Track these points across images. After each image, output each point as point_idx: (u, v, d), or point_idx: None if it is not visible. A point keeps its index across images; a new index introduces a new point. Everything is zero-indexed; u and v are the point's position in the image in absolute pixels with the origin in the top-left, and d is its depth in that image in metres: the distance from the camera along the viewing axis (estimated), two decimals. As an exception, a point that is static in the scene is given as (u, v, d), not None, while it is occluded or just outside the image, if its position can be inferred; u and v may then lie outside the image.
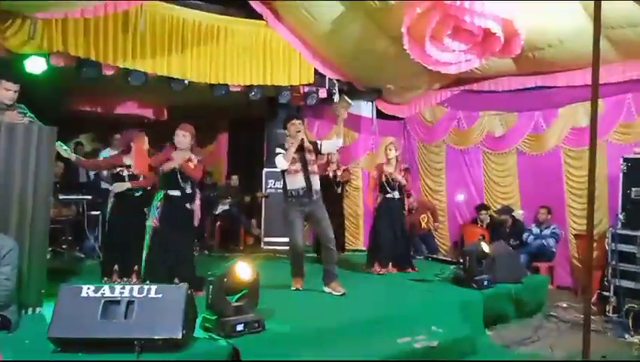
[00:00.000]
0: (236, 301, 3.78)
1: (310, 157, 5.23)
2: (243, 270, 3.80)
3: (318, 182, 5.26)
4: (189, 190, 4.98)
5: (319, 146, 5.39)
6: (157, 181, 5.15)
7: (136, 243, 4.96)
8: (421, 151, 9.15)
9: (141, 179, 5.36)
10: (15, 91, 4.28)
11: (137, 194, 5.37)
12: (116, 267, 5.23)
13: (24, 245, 3.90)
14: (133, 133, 5.56)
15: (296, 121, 5.31)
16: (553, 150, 7.62)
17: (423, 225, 8.46)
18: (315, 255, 6.64)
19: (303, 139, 5.20)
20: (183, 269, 4.83)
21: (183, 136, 4.96)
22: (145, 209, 5.14)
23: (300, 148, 5.17)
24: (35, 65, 5.95)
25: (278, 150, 5.25)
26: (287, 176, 5.19)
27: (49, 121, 4.35)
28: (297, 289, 5.14)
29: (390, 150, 6.66)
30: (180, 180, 4.90)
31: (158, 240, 4.85)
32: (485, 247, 5.73)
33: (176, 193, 4.92)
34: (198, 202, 5.21)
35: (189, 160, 4.97)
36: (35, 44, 5.65)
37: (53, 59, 5.93)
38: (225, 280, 3.70)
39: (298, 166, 5.15)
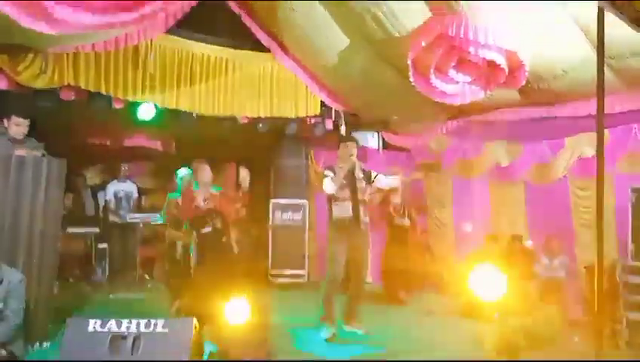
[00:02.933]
0: (244, 335, 3.75)
1: (360, 185, 4.93)
2: (239, 305, 3.79)
3: (367, 212, 4.96)
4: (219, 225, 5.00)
5: (373, 177, 5.13)
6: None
7: None
8: (428, 182, 9.14)
9: None
10: (25, 126, 4.35)
11: None
12: None
13: (32, 278, 3.91)
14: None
15: (349, 143, 5.06)
16: (560, 180, 7.59)
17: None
18: None
19: (348, 159, 4.91)
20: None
21: (205, 171, 5.03)
22: None
23: (351, 175, 4.88)
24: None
25: (326, 172, 4.96)
26: (333, 202, 4.90)
27: (59, 153, 4.40)
28: (332, 338, 4.68)
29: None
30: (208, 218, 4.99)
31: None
32: (493, 279, 5.64)
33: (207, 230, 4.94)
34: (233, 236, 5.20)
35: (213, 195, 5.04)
36: (47, 78, 5.75)
37: (63, 92, 6.03)
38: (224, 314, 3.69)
39: (347, 193, 4.87)
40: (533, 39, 5.80)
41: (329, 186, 4.79)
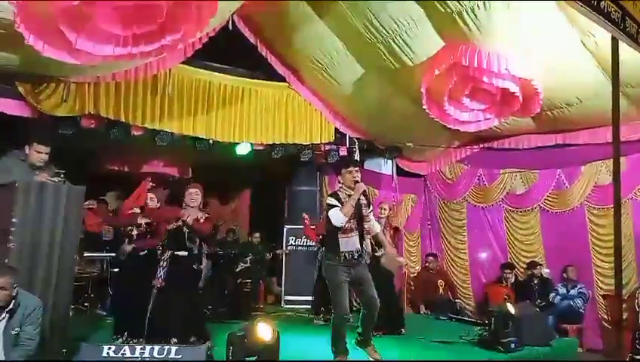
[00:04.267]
0: (254, 360, 3.73)
1: (365, 213, 4.59)
2: (263, 331, 3.77)
3: (369, 243, 4.68)
4: (195, 251, 4.94)
5: (370, 211, 4.76)
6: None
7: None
8: (442, 209, 9.10)
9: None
10: (46, 153, 4.44)
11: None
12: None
13: (48, 302, 3.94)
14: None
15: (353, 169, 4.57)
16: (577, 208, 7.53)
17: (440, 290, 8.28)
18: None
19: (365, 191, 4.53)
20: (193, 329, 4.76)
21: (196, 195, 4.98)
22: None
23: (357, 203, 4.47)
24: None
25: (330, 200, 4.53)
26: (340, 236, 4.44)
27: (77, 180, 4.48)
28: None
29: (383, 209, 6.45)
30: (187, 240, 4.88)
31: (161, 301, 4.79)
32: (511, 308, 5.58)
33: (184, 253, 4.88)
34: (204, 262, 5.13)
35: (197, 218, 4.94)
36: (68, 107, 5.91)
37: (84, 120, 6.17)
38: (245, 340, 3.68)
39: (353, 224, 4.47)
40: (547, 67, 5.84)
41: (338, 218, 4.40)
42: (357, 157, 8.16)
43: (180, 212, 4.94)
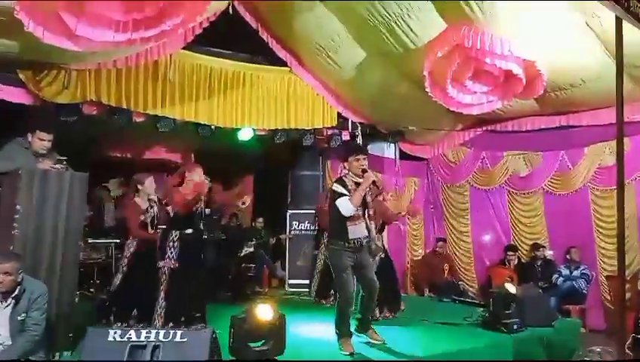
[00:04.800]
0: (260, 345, 3.76)
1: (369, 200, 4.60)
2: (264, 312, 3.78)
3: (374, 228, 4.67)
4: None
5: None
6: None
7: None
8: (445, 192, 9.11)
9: None
10: (49, 141, 4.45)
11: None
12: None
13: (53, 288, 3.98)
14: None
15: (361, 157, 4.54)
16: (580, 189, 7.53)
17: (445, 274, 8.32)
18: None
19: (375, 181, 4.49)
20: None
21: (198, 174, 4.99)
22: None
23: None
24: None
25: (337, 188, 4.48)
26: (349, 223, 4.43)
27: (81, 167, 4.49)
28: (351, 354, 4.40)
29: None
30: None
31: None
32: (511, 288, 5.61)
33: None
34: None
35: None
36: (69, 94, 5.90)
37: (85, 107, 6.16)
38: (244, 323, 3.70)
39: (360, 211, 4.46)
40: (551, 48, 5.79)
41: (348, 208, 4.37)
42: (359, 141, 8.15)
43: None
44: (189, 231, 4.90)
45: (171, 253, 4.83)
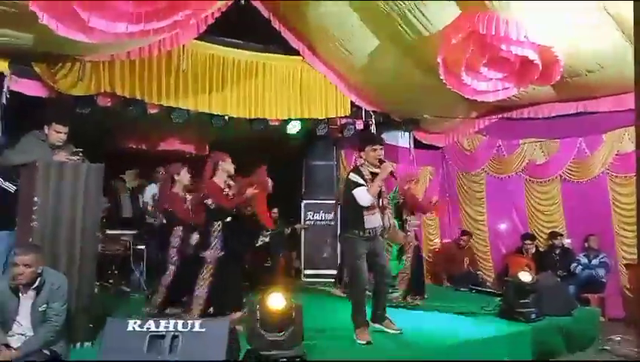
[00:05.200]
0: (278, 334, 3.76)
1: (384, 189, 4.65)
2: (276, 301, 3.78)
3: (388, 218, 4.70)
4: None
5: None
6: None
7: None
8: (460, 180, 9.05)
9: None
10: (65, 133, 4.48)
11: None
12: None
13: (73, 280, 4.01)
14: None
15: (378, 147, 4.56)
16: (599, 177, 7.43)
17: (466, 266, 8.28)
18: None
19: (377, 163, 4.53)
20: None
21: (231, 164, 5.08)
22: None
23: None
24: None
25: (354, 177, 4.51)
26: (365, 213, 4.47)
27: (96, 158, 4.52)
28: (368, 343, 4.38)
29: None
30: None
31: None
32: (525, 277, 5.57)
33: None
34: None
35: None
36: (84, 86, 5.93)
37: (100, 99, 6.19)
38: (259, 312, 3.71)
39: (375, 201, 4.50)
40: (567, 34, 5.70)
41: (365, 198, 4.40)
42: (373, 130, 8.11)
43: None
44: (229, 220, 4.99)
45: (215, 243, 4.91)
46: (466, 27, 5.52)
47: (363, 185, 4.46)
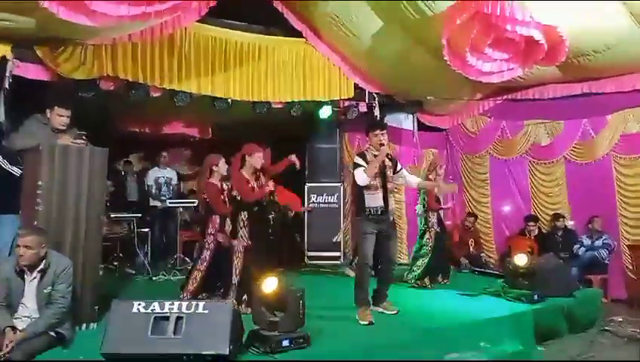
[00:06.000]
0: (281, 316, 3.81)
1: (389, 173, 4.85)
2: (274, 283, 3.85)
3: (393, 201, 4.96)
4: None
5: (398, 168, 5.03)
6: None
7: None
8: (464, 163, 9.03)
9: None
10: (67, 116, 4.49)
11: None
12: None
13: (78, 262, 4.07)
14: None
15: (379, 132, 4.84)
16: (603, 158, 7.39)
17: (471, 248, 8.31)
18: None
19: (389, 154, 4.82)
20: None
21: (258, 158, 5.07)
22: None
23: (382, 163, 4.77)
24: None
25: (357, 160, 4.83)
26: (366, 192, 4.76)
27: (100, 142, 4.53)
28: (370, 323, 4.53)
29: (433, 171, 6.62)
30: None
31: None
32: (520, 261, 5.68)
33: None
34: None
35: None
36: (86, 69, 5.91)
37: (103, 83, 6.18)
38: (260, 294, 3.76)
39: (378, 183, 4.75)
40: (573, 13, 5.63)
41: (362, 178, 4.70)
42: (377, 112, 8.08)
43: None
44: (256, 209, 5.08)
45: (243, 232, 4.99)
46: (471, 7, 5.45)
47: (363, 166, 4.74)
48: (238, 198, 5.08)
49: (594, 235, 7.21)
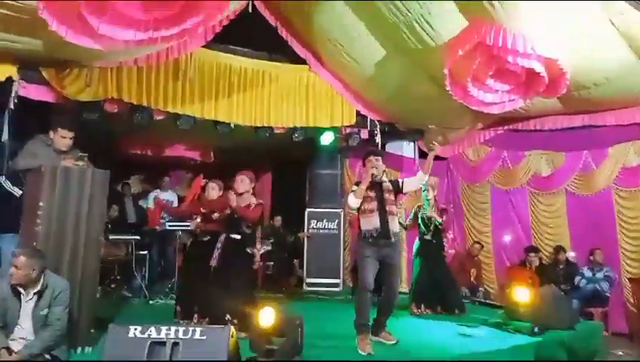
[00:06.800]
0: (279, 343, 3.77)
1: (389, 196, 4.88)
2: (272, 311, 3.83)
3: (397, 223, 4.92)
4: (248, 234, 5.15)
5: (401, 185, 5.06)
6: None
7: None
8: (465, 192, 9.03)
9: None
10: (70, 138, 4.51)
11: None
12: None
13: (75, 284, 4.03)
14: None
15: (372, 158, 4.98)
16: (604, 190, 7.40)
17: (472, 278, 8.26)
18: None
19: (373, 175, 4.88)
20: (238, 309, 4.86)
21: (241, 182, 5.12)
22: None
23: (378, 187, 4.86)
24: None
25: (354, 187, 4.98)
26: (361, 215, 4.85)
27: (102, 164, 4.55)
28: (370, 355, 4.44)
29: (428, 191, 6.70)
30: (240, 225, 5.09)
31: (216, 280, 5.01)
32: (520, 294, 5.69)
33: (237, 236, 5.08)
34: (259, 246, 5.32)
35: (249, 204, 5.12)
36: (91, 92, 5.97)
37: (107, 105, 6.23)
38: (258, 323, 3.73)
39: (374, 205, 4.80)
40: (574, 47, 5.69)
41: (350, 200, 4.84)
42: (378, 139, 8.13)
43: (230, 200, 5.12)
44: (235, 235, 5.12)
45: (216, 253, 5.10)
46: (473, 38, 5.52)
47: (354, 190, 4.87)
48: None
49: (595, 267, 7.17)
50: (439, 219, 6.64)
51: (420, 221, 6.63)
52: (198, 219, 5.52)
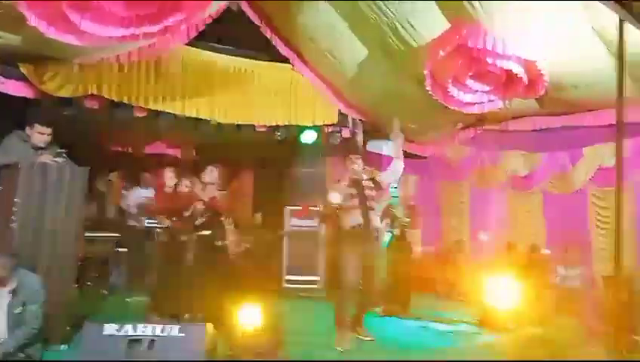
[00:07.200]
0: (255, 341, 3.78)
1: (370, 193, 5.04)
2: (251, 309, 3.84)
3: (378, 219, 5.11)
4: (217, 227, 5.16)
5: (379, 179, 5.24)
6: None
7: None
8: (444, 191, 9.11)
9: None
10: (48, 134, 4.46)
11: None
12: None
13: (52, 282, 3.99)
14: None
15: (352, 156, 5.20)
16: (579, 190, 7.52)
17: (448, 277, 8.31)
18: None
19: (354, 172, 5.06)
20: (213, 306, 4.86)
21: (210, 172, 5.12)
22: None
23: (358, 185, 5.01)
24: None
25: (334, 185, 5.16)
26: (340, 212, 4.97)
27: (81, 160, 4.50)
28: (344, 349, 4.53)
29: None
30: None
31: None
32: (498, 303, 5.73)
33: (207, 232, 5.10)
34: (232, 237, 5.30)
35: (214, 196, 5.13)
36: (71, 88, 5.90)
37: (87, 101, 6.16)
38: (237, 320, 3.74)
39: (355, 202, 4.94)
40: (552, 49, 5.77)
41: (332, 197, 4.96)
42: (359, 138, 8.16)
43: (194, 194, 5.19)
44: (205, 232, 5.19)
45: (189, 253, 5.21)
46: (454, 40, 5.58)
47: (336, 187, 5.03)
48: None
49: (569, 266, 7.29)
50: (406, 219, 6.63)
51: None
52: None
